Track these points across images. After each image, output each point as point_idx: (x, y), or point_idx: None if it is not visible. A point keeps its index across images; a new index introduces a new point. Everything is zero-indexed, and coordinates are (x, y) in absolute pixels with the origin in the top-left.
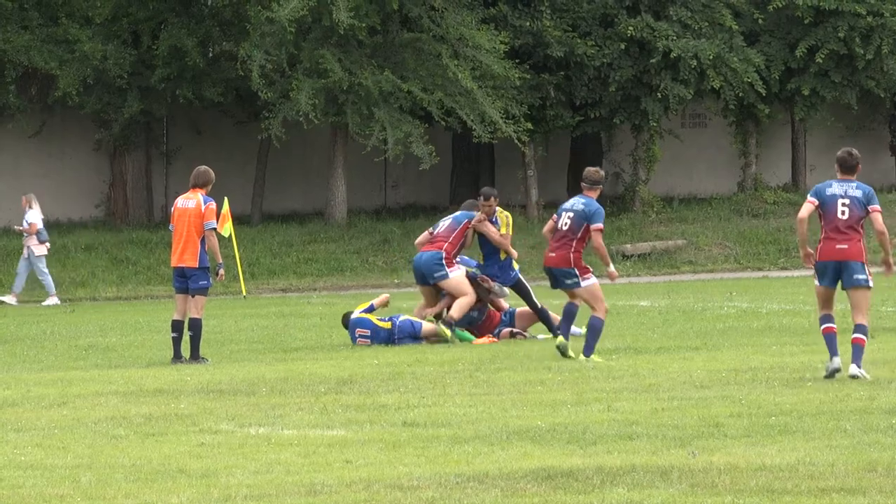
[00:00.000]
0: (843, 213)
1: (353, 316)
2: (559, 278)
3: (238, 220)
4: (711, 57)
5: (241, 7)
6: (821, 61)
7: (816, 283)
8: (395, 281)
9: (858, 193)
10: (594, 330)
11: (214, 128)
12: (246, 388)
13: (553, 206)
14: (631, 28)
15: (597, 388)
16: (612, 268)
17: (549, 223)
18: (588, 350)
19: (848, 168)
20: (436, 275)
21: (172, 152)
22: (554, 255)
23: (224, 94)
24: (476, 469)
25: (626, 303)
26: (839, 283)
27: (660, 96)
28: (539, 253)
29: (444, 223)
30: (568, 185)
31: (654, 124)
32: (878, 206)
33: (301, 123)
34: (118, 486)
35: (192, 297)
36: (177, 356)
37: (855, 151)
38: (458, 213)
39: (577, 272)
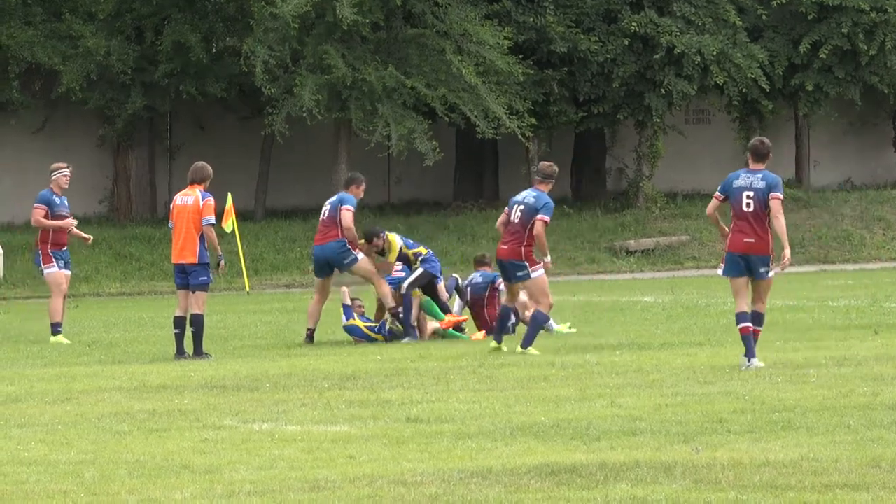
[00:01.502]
0: (748, 205)
1: (344, 324)
2: (510, 270)
3: (241, 216)
4: (715, 53)
5: (244, 2)
6: (824, 57)
7: (720, 272)
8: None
9: (762, 185)
10: (536, 323)
11: (218, 123)
12: (249, 383)
13: (557, 202)
14: (634, 24)
15: (600, 384)
16: (548, 258)
17: (502, 216)
18: (527, 342)
19: (760, 156)
20: (345, 261)
21: (176, 148)
22: (506, 247)
23: (227, 90)
24: (479, 465)
25: (630, 299)
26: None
27: (663, 92)
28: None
29: (326, 210)
30: (571, 181)
31: (658, 120)
32: (778, 194)
33: (304, 119)
34: (121, 482)
35: (193, 293)
36: (180, 352)
37: (767, 140)
38: (334, 197)
39: (528, 265)
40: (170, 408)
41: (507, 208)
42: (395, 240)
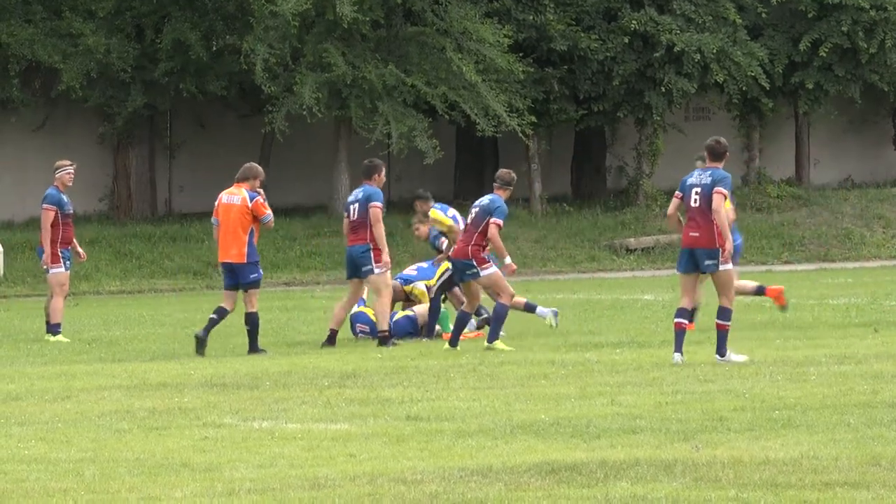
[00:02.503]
0: (694, 201)
1: (353, 310)
2: (460, 269)
3: None
4: (715, 51)
5: (244, 1)
6: (824, 55)
7: (677, 267)
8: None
9: (709, 180)
10: (499, 317)
11: (218, 122)
12: (249, 381)
13: (556, 201)
14: (634, 22)
15: (600, 382)
16: (508, 260)
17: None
18: (492, 337)
19: (716, 155)
20: (363, 268)
21: (176, 146)
22: (456, 247)
23: (227, 88)
24: (479, 463)
25: (630, 297)
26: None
27: (663, 90)
28: (542, 246)
29: (355, 210)
30: (571, 179)
31: (658, 118)
32: (722, 189)
33: (304, 117)
34: (122, 480)
35: (245, 291)
36: (203, 334)
37: (723, 140)
38: (359, 192)
39: (475, 263)
40: (170, 406)
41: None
42: (441, 215)
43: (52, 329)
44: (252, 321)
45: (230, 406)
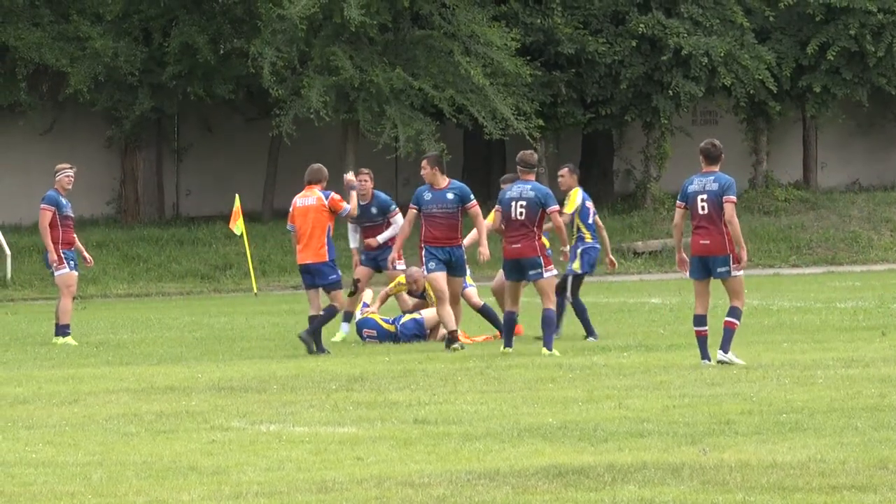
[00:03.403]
0: (702, 208)
1: (358, 317)
2: (524, 268)
3: (249, 218)
4: (722, 54)
5: (252, 4)
6: (832, 58)
7: (686, 275)
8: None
9: (715, 187)
10: (548, 321)
11: (225, 125)
12: (257, 385)
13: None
14: (642, 25)
15: (608, 386)
16: (566, 249)
17: (497, 216)
18: (548, 344)
19: (712, 159)
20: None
21: (183, 149)
22: (519, 246)
23: (235, 92)
24: (487, 466)
25: (638, 300)
26: (711, 276)
27: (671, 93)
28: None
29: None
30: (579, 183)
31: (665, 121)
32: (731, 197)
33: (312, 121)
34: (129, 484)
35: (329, 293)
36: (316, 349)
37: (718, 142)
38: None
39: (543, 262)
40: (177, 409)
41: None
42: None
43: (61, 331)
44: (328, 312)
45: (237, 409)
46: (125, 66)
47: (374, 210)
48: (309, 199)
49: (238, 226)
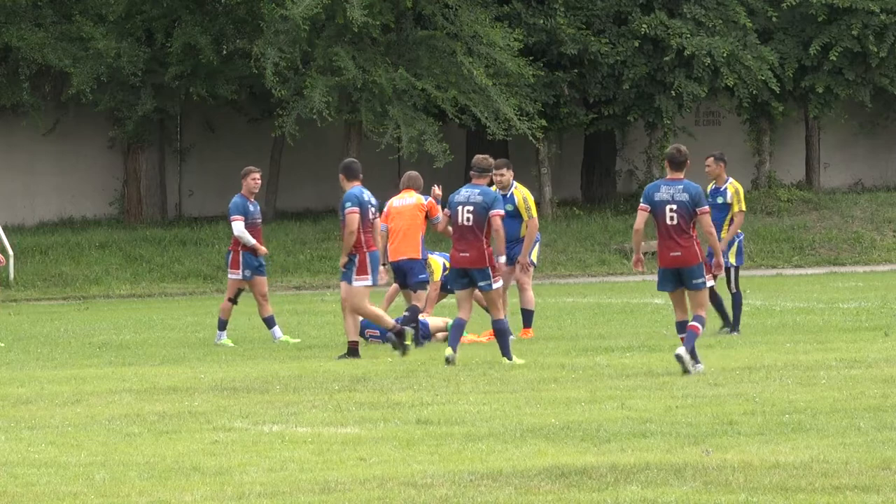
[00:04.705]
0: (671, 218)
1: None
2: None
3: None
4: (725, 54)
5: (254, 4)
6: (835, 59)
7: (658, 286)
8: None
9: (685, 197)
10: (502, 333)
11: (228, 125)
12: (260, 385)
13: (566, 204)
14: (645, 26)
15: (610, 386)
16: (502, 259)
17: (444, 219)
18: (507, 354)
19: (677, 165)
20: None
21: (186, 150)
22: (467, 255)
23: (238, 92)
24: (490, 467)
25: (640, 300)
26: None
27: (674, 94)
28: (552, 250)
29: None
30: (582, 183)
31: (668, 122)
32: (706, 208)
33: (315, 121)
34: (132, 484)
35: (414, 292)
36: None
37: (683, 148)
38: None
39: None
40: (180, 410)
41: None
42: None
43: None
44: (414, 312)
45: (240, 410)
46: (128, 67)
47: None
48: (408, 199)
49: None
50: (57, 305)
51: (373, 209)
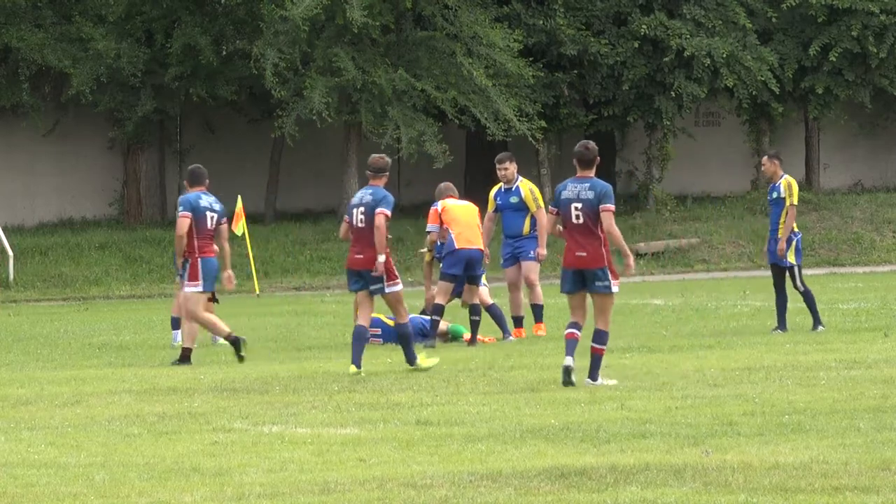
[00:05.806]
0: (577, 217)
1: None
2: (370, 280)
3: (251, 219)
4: (725, 55)
5: (254, 5)
6: (834, 60)
7: (561, 288)
8: (409, 279)
9: (591, 195)
10: (406, 338)
11: (228, 126)
12: (259, 386)
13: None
14: (644, 26)
15: (610, 387)
16: (381, 259)
17: (344, 225)
18: (411, 359)
19: (586, 163)
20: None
21: (186, 151)
22: (361, 256)
23: (237, 93)
24: (489, 467)
25: (640, 301)
26: (586, 288)
27: (673, 95)
28: (552, 251)
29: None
30: None
31: (668, 123)
32: (609, 206)
33: (314, 122)
34: (132, 485)
35: (471, 286)
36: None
37: (592, 144)
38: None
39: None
40: (180, 410)
41: (346, 216)
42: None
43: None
44: (475, 309)
45: (240, 411)
46: (127, 68)
47: None
48: (460, 201)
49: (240, 227)
50: (57, 306)
51: (214, 215)
